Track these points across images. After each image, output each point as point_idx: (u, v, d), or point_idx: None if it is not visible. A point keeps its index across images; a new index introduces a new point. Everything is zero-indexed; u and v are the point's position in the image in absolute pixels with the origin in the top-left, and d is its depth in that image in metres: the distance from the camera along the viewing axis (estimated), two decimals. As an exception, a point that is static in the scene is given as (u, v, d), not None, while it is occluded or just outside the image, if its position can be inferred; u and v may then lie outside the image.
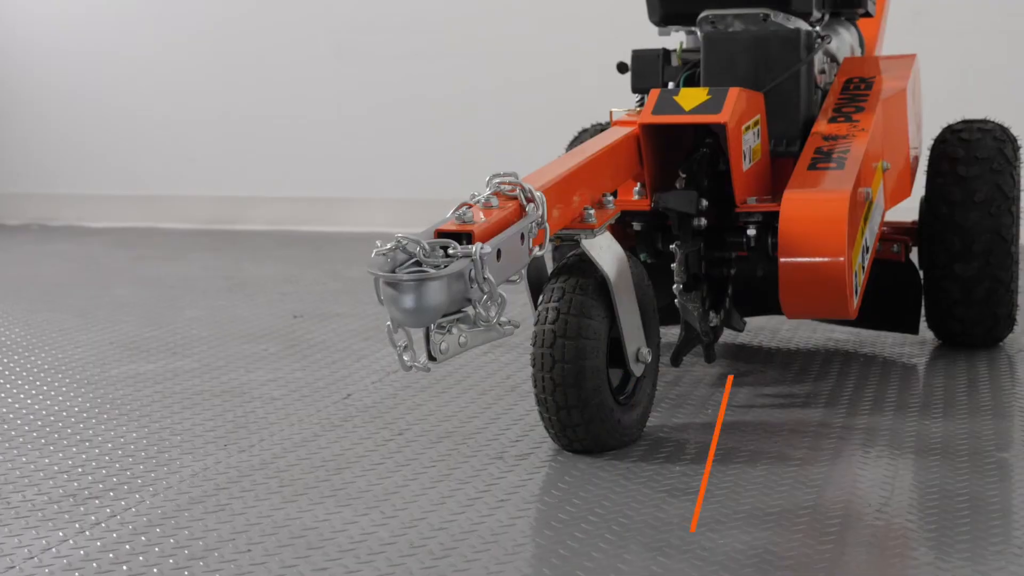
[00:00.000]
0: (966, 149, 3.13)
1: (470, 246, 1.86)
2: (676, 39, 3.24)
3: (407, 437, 2.53)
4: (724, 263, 2.74)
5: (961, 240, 3.08)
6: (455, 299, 1.86)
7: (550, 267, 2.43)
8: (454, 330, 1.91)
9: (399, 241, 1.84)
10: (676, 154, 2.70)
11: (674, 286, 2.63)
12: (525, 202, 2.10)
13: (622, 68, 3.19)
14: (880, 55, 3.58)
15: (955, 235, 3.08)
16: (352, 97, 6.14)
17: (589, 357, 2.31)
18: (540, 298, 2.36)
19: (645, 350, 2.44)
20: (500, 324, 1.95)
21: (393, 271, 1.83)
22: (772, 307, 2.84)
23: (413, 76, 6.02)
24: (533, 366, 2.34)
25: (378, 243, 1.86)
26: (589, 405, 2.33)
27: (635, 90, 3.15)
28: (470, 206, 2.07)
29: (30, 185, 6.59)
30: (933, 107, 3.55)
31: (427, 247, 1.85)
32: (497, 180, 2.11)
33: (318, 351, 3.33)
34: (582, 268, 2.35)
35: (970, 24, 5.30)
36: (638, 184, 2.77)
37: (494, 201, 2.06)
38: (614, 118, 2.82)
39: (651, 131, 2.64)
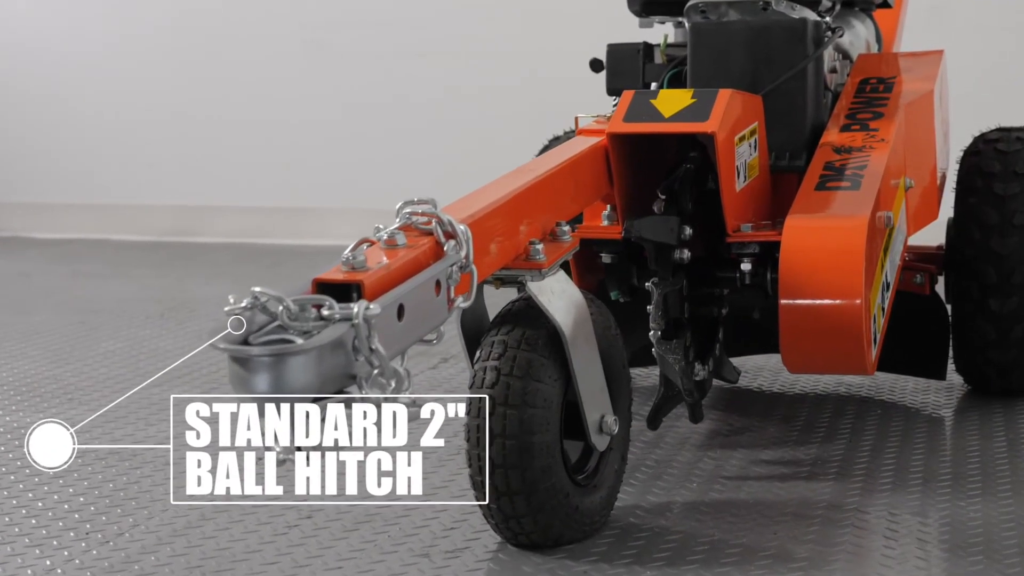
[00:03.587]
0: (1003, 162, 2.66)
1: (351, 304, 1.36)
2: (661, 32, 2.76)
3: (316, 522, 2.04)
4: (713, 303, 2.24)
5: (997, 270, 2.62)
6: (331, 377, 1.36)
7: (493, 313, 1.94)
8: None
9: (256, 297, 1.34)
10: (654, 170, 2.21)
11: (650, 333, 2.13)
12: (443, 238, 1.60)
13: (596, 66, 2.71)
14: (900, 51, 3.09)
15: (990, 264, 2.62)
16: (324, 98, 5.68)
17: (537, 431, 1.82)
18: (477, 354, 1.86)
19: (611, 419, 1.94)
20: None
21: (245, 340, 1.33)
22: (773, 345, 2.35)
23: (391, 76, 5.55)
24: (467, 441, 1.85)
25: (231, 298, 1.36)
26: (538, 490, 1.84)
27: (611, 92, 2.66)
28: (372, 243, 1.58)
29: (-26, 193, 6.13)
30: (955, 112, 3.08)
31: (292, 307, 1.35)
32: (408, 210, 1.62)
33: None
34: (530, 317, 1.86)
35: (994, 18, 4.79)
36: (608, 207, 2.27)
37: (400, 238, 1.56)
38: (580, 125, 2.34)
39: (622, 142, 2.15)
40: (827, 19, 2.56)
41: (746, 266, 2.19)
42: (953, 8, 4.79)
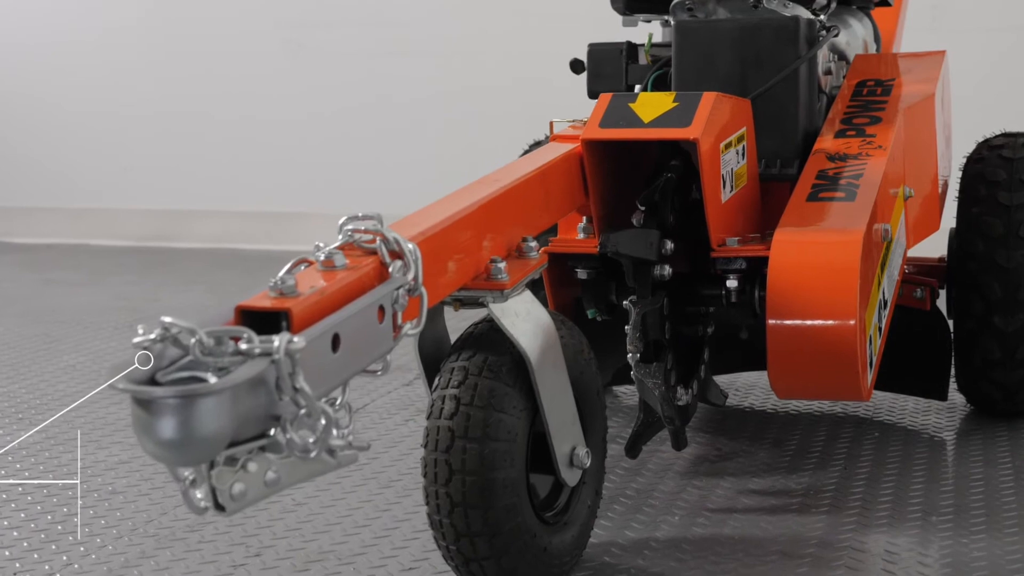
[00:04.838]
0: (1009, 170, 2.51)
1: (273, 337, 1.20)
2: (646, 31, 2.60)
3: (264, 560, 1.88)
4: (697, 322, 2.09)
5: (1002, 285, 2.47)
6: (251, 419, 1.19)
7: (455, 336, 1.77)
8: (252, 464, 1.24)
9: (166, 328, 1.18)
10: (633, 180, 2.05)
11: (628, 356, 1.97)
12: (388, 258, 1.44)
13: (576, 67, 2.56)
14: (899, 52, 2.93)
15: (995, 278, 2.47)
16: (309, 98, 5.52)
17: (500, 467, 1.66)
18: (435, 381, 1.71)
19: (582, 451, 1.78)
20: (332, 451, 1.28)
21: (152, 378, 1.17)
22: (764, 361, 2.19)
23: (378, 76, 5.39)
24: (424, 476, 1.69)
25: (140, 329, 1.20)
26: (501, 532, 1.68)
27: (592, 94, 2.51)
28: (310, 263, 1.42)
29: (-51, 196, 5.98)
30: (957, 117, 2.93)
31: (206, 340, 1.19)
32: (350, 227, 1.45)
33: (197, 418, 2.67)
34: (493, 341, 1.70)
35: (998, 18, 4.63)
36: (584, 219, 2.12)
37: (339, 259, 1.40)
38: (554, 131, 2.18)
39: (598, 149, 1.99)
40: (822, 17, 2.41)
41: (732, 283, 2.03)
42: (956, 7, 4.63)
